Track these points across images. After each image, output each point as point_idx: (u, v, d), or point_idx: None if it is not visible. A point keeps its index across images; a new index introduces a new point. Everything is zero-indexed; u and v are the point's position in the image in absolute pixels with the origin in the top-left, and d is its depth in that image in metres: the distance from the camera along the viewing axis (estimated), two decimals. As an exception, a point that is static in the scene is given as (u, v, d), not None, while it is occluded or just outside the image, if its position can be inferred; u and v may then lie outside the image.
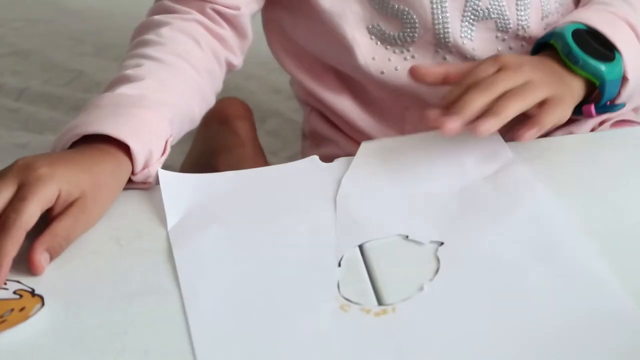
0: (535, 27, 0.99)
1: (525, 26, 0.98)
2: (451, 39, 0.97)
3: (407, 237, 0.74)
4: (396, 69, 0.99)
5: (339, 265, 0.71)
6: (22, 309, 0.69)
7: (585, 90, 0.88)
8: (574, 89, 0.87)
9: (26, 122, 1.51)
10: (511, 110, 0.79)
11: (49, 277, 0.72)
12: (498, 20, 0.97)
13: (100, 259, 0.74)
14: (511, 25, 0.98)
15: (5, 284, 0.71)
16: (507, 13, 0.97)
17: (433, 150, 0.83)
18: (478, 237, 0.73)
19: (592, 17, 0.91)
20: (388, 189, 0.79)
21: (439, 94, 0.99)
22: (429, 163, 0.82)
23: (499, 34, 0.98)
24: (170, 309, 0.69)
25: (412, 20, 0.96)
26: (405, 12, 0.96)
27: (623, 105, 0.92)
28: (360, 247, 0.73)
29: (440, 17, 0.96)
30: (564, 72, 0.87)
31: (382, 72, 0.99)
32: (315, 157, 0.84)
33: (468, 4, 0.96)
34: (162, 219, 0.77)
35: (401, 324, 0.66)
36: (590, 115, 0.90)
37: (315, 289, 0.69)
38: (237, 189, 0.81)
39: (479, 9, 0.96)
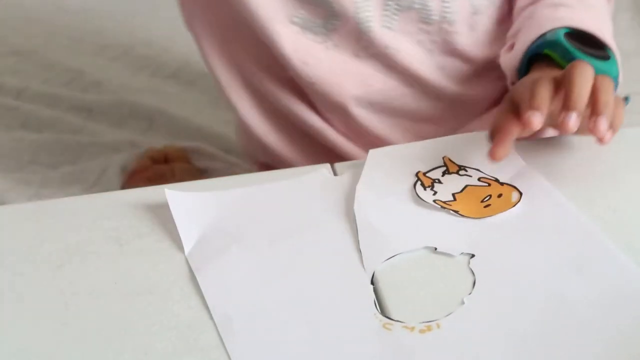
0: (462, 22, 0.98)
1: (450, 20, 0.97)
2: (372, 28, 0.95)
3: (435, 249, 0.72)
4: (319, 59, 0.97)
5: (372, 282, 0.69)
6: (499, 196, 0.76)
7: None
8: None
9: (25, 121, 1.51)
10: (612, 104, 0.77)
11: (49, 278, 0.72)
12: (421, 11, 0.96)
13: (100, 259, 0.74)
14: (434, 17, 0.96)
15: (466, 170, 0.79)
16: (431, 4, 0.96)
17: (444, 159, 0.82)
18: (506, 247, 0.72)
19: (573, 16, 0.90)
20: (404, 200, 0.78)
21: (353, 95, 0.98)
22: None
23: (421, 26, 0.97)
24: (170, 309, 0.68)
25: (333, 10, 0.94)
26: (327, 3, 0.94)
27: (629, 99, 0.91)
28: (389, 261, 0.71)
29: (362, 5, 0.94)
30: None
31: (305, 63, 0.97)
32: (323, 169, 0.82)
33: None
34: (162, 219, 0.77)
35: (448, 340, 0.64)
36: None
37: (353, 309, 0.67)
38: (249, 206, 0.78)
39: None
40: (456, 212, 0.76)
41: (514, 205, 0.75)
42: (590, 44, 0.88)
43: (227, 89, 1.05)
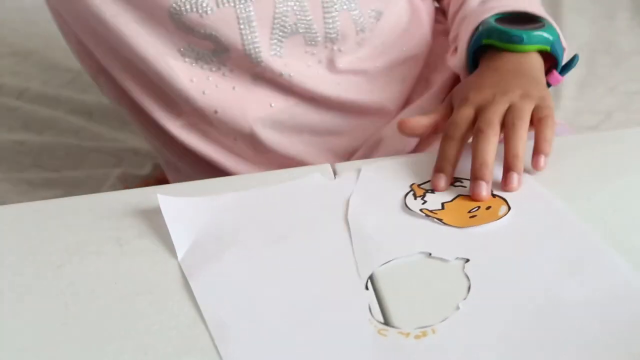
0: (348, 41, 0.99)
1: (335, 40, 0.98)
2: (262, 58, 0.96)
3: (430, 254, 0.72)
4: (216, 87, 0.97)
5: (367, 288, 0.69)
6: (488, 208, 0.76)
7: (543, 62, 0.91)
8: (536, 69, 0.89)
9: (26, 122, 1.52)
10: (522, 151, 0.79)
11: (49, 278, 0.72)
12: (306, 35, 0.97)
13: (100, 259, 0.74)
14: (319, 39, 0.98)
15: (461, 181, 0.80)
16: (315, 26, 0.97)
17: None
18: (501, 251, 0.72)
19: (502, 3, 0.94)
20: (397, 210, 0.77)
21: (257, 117, 0.98)
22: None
23: (308, 48, 0.98)
24: (170, 309, 0.68)
25: (220, 43, 0.95)
26: (214, 37, 0.94)
27: (577, 57, 0.93)
28: (385, 267, 0.71)
29: (249, 37, 0.94)
30: (519, 59, 0.89)
31: (204, 93, 0.97)
32: (317, 174, 0.82)
33: (276, 22, 0.95)
34: (162, 219, 0.77)
35: (444, 345, 0.64)
36: (557, 81, 0.92)
37: (348, 315, 0.67)
38: (243, 211, 0.78)
39: (286, 24, 0.96)
40: (440, 220, 0.76)
41: (500, 219, 0.75)
42: (524, 23, 0.91)
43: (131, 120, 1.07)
